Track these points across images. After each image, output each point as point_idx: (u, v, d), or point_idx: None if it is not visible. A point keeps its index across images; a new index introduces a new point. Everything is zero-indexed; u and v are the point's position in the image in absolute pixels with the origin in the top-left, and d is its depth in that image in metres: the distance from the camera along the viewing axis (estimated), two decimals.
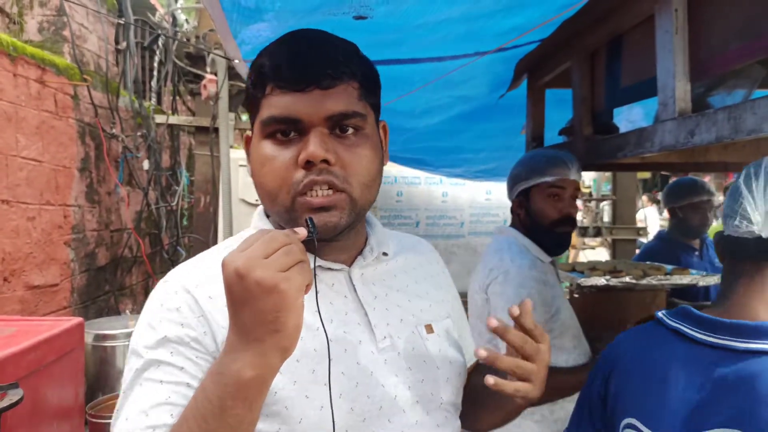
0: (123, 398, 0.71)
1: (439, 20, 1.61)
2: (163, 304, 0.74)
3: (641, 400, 0.97)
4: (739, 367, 0.86)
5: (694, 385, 0.90)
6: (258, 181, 0.80)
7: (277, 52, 0.79)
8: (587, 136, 1.80)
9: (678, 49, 1.25)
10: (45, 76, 3.21)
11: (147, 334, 0.73)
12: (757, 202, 0.92)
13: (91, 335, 2.48)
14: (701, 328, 0.93)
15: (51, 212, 3.26)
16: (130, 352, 0.74)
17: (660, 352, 0.98)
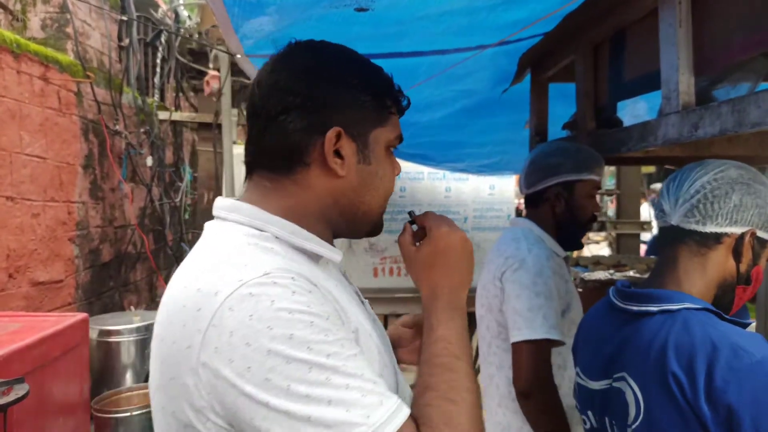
0: (328, 389, 0.67)
1: (440, 12, 1.60)
2: (310, 306, 0.71)
3: (582, 354, 1.25)
4: (633, 326, 1.10)
5: (610, 341, 1.14)
6: (382, 185, 0.88)
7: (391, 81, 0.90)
8: (591, 131, 1.79)
9: (681, 43, 1.24)
10: (48, 73, 3.21)
11: (310, 332, 0.69)
12: (670, 196, 1.13)
13: (95, 331, 2.49)
14: (620, 297, 1.16)
15: (55, 209, 3.27)
16: (282, 356, 0.67)
17: (597, 317, 1.24)
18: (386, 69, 0.91)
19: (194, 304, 0.70)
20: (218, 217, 0.85)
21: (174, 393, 0.71)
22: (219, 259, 0.75)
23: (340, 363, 0.69)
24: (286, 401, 0.66)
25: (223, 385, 0.67)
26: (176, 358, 0.70)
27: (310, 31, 1.79)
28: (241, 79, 4.29)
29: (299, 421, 0.66)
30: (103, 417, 1.98)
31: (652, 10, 1.38)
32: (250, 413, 0.67)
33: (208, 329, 0.68)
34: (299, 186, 0.83)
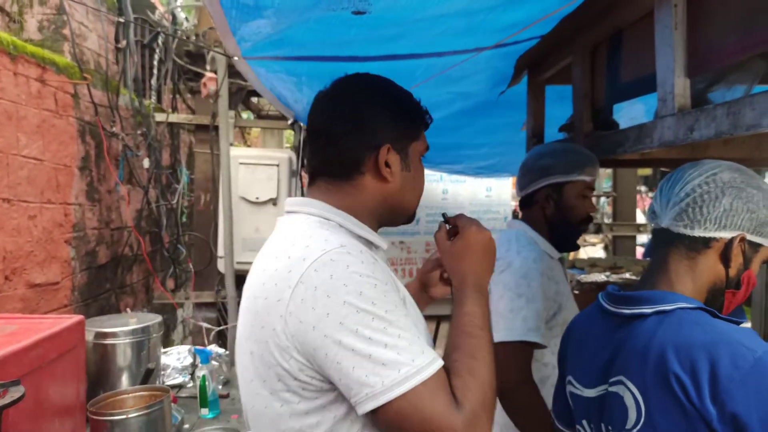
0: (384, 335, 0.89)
1: (438, 14, 1.61)
2: (374, 272, 0.93)
3: (574, 361, 1.23)
4: (626, 329, 1.09)
5: (604, 346, 1.13)
6: (418, 187, 1.14)
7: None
8: (587, 133, 1.80)
9: (677, 45, 1.25)
10: (45, 74, 3.21)
11: (375, 293, 0.91)
12: (662, 197, 1.13)
13: (92, 333, 2.48)
14: (611, 302, 1.15)
15: (52, 211, 3.26)
16: (354, 306, 0.89)
17: (589, 323, 1.22)
18: (383, 71, 1.14)
19: (285, 268, 0.93)
20: (290, 212, 1.09)
21: (263, 338, 0.93)
22: (301, 236, 0.98)
23: (394, 318, 0.90)
24: (354, 341, 0.87)
25: (306, 327, 0.89)
26: (268, 309, 0.93)
27: (308, 33, 1.80)
28: (238, 81, 4.29)
29: (362, 357, 0.87)
30: (98, 419, 1.97)
31: (648, 12, 1.38)
32: (325, 349, 0.88)
33: (297, 285, 0.90)
34: (356, 189, 1.07)
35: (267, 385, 0.95)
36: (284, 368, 0.92)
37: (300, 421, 0.94)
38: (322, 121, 1.09)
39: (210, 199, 4.37)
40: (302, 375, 0.91)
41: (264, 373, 0.95)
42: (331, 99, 1.10)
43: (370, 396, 0.86)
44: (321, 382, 0.92)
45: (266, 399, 0.96)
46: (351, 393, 0.88)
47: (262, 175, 4.11)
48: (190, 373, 3.02)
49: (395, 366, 0.87)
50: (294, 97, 2.86)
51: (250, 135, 9.10)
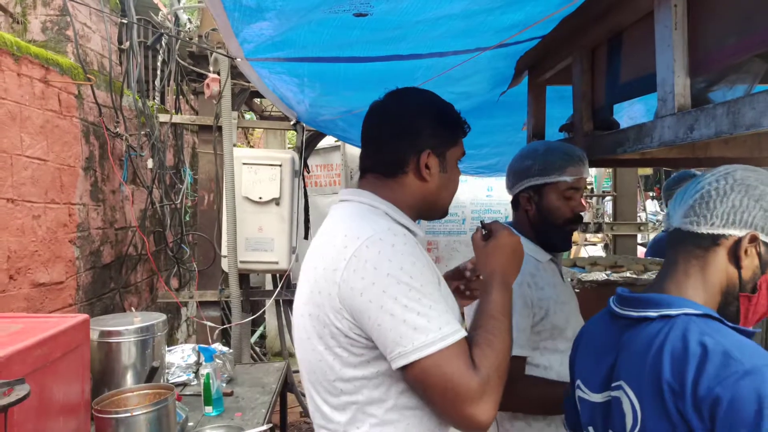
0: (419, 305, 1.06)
1: (438, 16, 1.62)
2: (413, 252, 1.11)
3: (583, 365, 1.21)
4: (631, 332, 1.07)
5: (610, 350, 1.11)
6: (453, 187, 1.32)
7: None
8: (587, 132, 1.80)
9: (677, 45, 1.26)
10: (49, 75, 3.22)
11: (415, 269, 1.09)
12: (676, 200, 1.12)
13: (96, 332, 2.49)
14: (620, 304, 1.13)
15: (56, 211, 3.28)
16: (395, 278, 1.06)
17: (598, 326, 1.20)
18: (385, 71, 1.42)
19: (342, 244, 1.11)
20: (344, 200, 1.28)
21: (320, 301, 1.12)
22: (354, 219, 1.17)
23: (427, 291, 1.07)
24: (392, 306, 1.04)
25: (355, 293, 1.07)
26: (325, 277, 1.11)
27: (310, 35, 1.81)
28: (241, 82, 4.31)
29: (398, 321, 1.04)
30: (103, 417, 1.98)
31: (648, 12, 1.39)
32: (369, 312, 1.06)
33: (351, 258, 1.08)
34: (399, 185, 1.26)
35: (322, 342, 1.13)
36: (337, 327, 1.10)
37: (349, 372, 1.12)
38: (374, 126, 1.30)
39: (213, 199, 4.38)
40: (351, 333, 1.09)
41: (320, 331, 1.13)
42: (383, 108, 1.30)
43: (402, 354, 1.03)
44: (367, 340, 1.09)
45: (321, 353, 1.14)
46: (387, 351, 1.06)
47: (265, 175, 4.13)
48: (194, 372, 3.03)
49: (424, 331, 1.03)
50: (296, 98, 2.88)
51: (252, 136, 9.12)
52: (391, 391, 1.12)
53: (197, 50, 4.30)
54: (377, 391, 1.12)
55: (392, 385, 1.12)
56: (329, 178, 7.20)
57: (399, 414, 1.12)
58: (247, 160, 4.16)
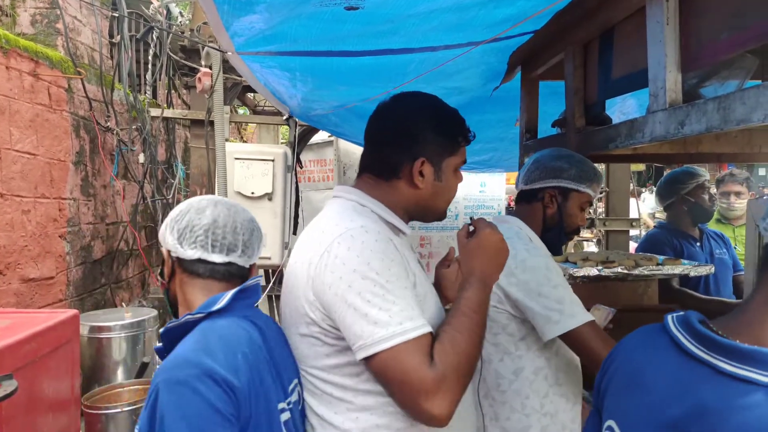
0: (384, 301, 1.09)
1: (430, 10, 1.61)
2: (384, 250, 1.14)
3: (620, 403, 0.90)
4: (721, 393, 0.76)
5: (674, 398, 0.81)
6: (448, 195, 1.32)
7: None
8: (580, 128, 1.80)
9: (669, 40, 1.26)
10: (38, 69, 3.19)
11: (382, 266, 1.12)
12: None
13: (86, 327, 2.48)
14: (696, 340, 0.81)
15: (46, 205, 3.26)
16: (360, 274, 1.10)
17: (649, 356, 0.89)
18: (377, 66, 1.40)
19: (318, 239, 1.17)
20: (335, 196, 1.31)
21: (297, 293, 1.18)
22: (336, 216, 1.22)
23: (392, 288, 1.10)
24: (356, 301, 1.08)
25: (324, 287, 1.11)
26: (302, 270, 1.17)
27: (301, 29, 1.80)
28: (233, 76, 4.28)
29: (360, 315, 1.07)
30: (93, 413, 1.97)
31: (640, 7, 1.39)
32: (336, 305, 1.10)
33: (324, 253, 1.13)
34: (392, 189, 1.27)
35: (297, 330, 1.20)
36: (311, 318, 1.15)
37: (322, 360, 1.17)
38: (374, 128, 1.32)
39: (205, 193, 4.36)
40: (324, 324, 1.14)
41: (297, 320, 1.19)
42: (386, 111, 1.31)
43: (362, 347, 1.07)
44: (336, 330, 1.13)
45: (298, 341, 1.21)
46: (350, 343, 1.10)
47: (258, 170, 4.11)
48: None
49: (384, 325, 1.07)
50: (288, 93, 2.86)
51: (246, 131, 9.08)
52: (362, 378, 1.15)
53: (189, 44, 4.27)
54: (350, 379, 1.16)
55: (363, 372, 1.15)
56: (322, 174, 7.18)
57: (374, 400, 1.16)
58: (240, 155, 4.14)
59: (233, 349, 1.15)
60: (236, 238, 1.32)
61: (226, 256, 1.29)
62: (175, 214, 1.36)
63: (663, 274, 2.03)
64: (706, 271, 2.09)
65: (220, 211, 1.33)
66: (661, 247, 2.76)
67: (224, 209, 1.34)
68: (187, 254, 1.29)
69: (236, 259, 1.31)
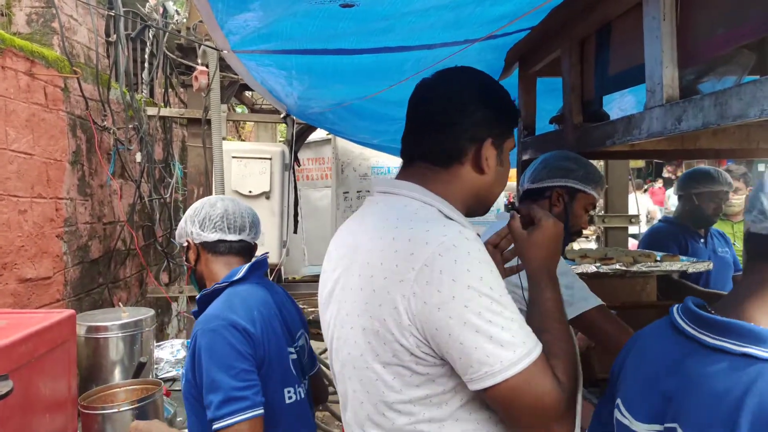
0: (498, 317, 0.96)
1: (426, 8, 1.60)
2: (488, 259, 1.01)
3: (628, 382, 1.00)
4: (700, 363, 0.84)
5: (667, 374, 0.89)
6: (505, 182, 1.19)
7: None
8: (577, 124, 1.80)
9: (665, 36, 1.25)
10: (34, 68, 3.18)
11: (493, 278, 0.99)
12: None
13: (83, 327, 2.47)
14: (690, 320, 0.90)
15: (42, 205, 3.25)
16: (476, 291, 0.96)
17: (654, 338, 0.99)
18: (373, 64, 1.32)
19: (406, 250, 0.98)
20: (386, 192, 1.14)
21: (381, 315, 0.99)
22: (415, 221, 1.03)
23: (506, 302, 0.98)
24: (477, 322, 0.94)
25: (430, 308, 0.95)
26: (388, 288, 0.98)
27: (296, 27, 1.79)
28: (230, 74, 4.26)
29: (484, 337, 0.94)
30: (90, 413, 1.96)
31: (636, 3, 1.38)
32: (448, 329, 0.94)
33: (422, 268, 0.96)
34: (453, 177, 1.13)
35: (379, 359, 1.02)
36: (402, 344, 0.99)
37: (410, 393, 1.02)
38: (432, 107, 1.14)
39: (203, 192, 4.35)
40: (418, 351, 0.99)
41: (378, 348, 1.02)
42: (444, 88, 1.15)
43: (489, 374, 0.94)
44: (434, 358, 0.99)
45: (378, 372, 1.03)
46: (469, 371, 0.95)
47: (255, 168, 4.10)
48: (183, 367, 3.01)
49: (511, 347, 0.95)
50: (285, 91, 2.85)
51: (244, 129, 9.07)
52: (451, 408, 1.03)
53: (185, 42, 4.26)
54: (438, 410, 1.03)
55: (451, 401, 1.03)
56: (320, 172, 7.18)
57: (461, 428, 1.04)
58: (237, 153, 4.13)
59: (251, 307, 1.53)
60: (244, 221, 1.73)
61: (238, 235, 1.71)
62: (192, 211, 1.72)
63: (661, 270, 2.03)
64: (704, 267, 2.09)
65: (227, 204, 1.74)
66: (666, 241, 2.76)
67: (230, 202, 1.76)
68: (210, 237, 1.69)
69: (245, 237, 1.73)
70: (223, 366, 1.41)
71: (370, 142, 4.57)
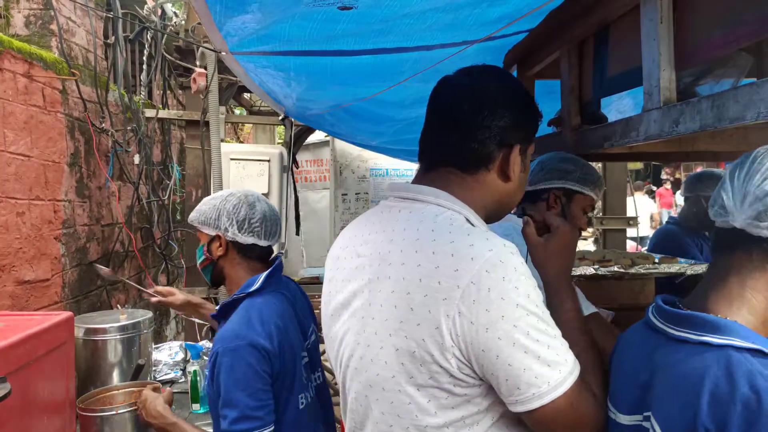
0: (545, 335, 0.93)
1: (424, 10, 1.60)
2: (531, 273, 0.97)
3: (613, 380, 1.05)
4: (667, 354, 0.90)
5: (642, 368, 0.95)
6: (524, 190, 1.15)
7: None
8: (575, 127, 1.80)
9: (663, 38, 1.25)
10: (32, 70, 3.18)
11: (536, 295, 0.96)
12: (735, 191, 0.90)
13: (82, 329, 2.47)
14: (658, 315, 0.97)
15: (41, 207, 3.24)
16: (525, 309, 0.92)
17: (635, 336, 1.04)
18: (371, 65, 1.34)
19: (450, 266, 0.93)
20: (411, 199, 1.07)
21: (419, 335, 0.94)
22: (454, 232, 0.97)
23: (548, 319, 0.96)
24: (526, 342, 0.90)
25: (478, 328, 0.90)
26: (428, 307, 0.93)
27: (295, 29, 1.79)
28: (228, 76, 4.27)
29: (532, 357, 0.91)
30: (88, 415, 1.96)
31: (634, 5, 1.38)
32: (497, 350, 0.90)
33: (468, 286, 0.91)
34: (478, 183, 1.08)
35: (413, 382, 0.96)
36: (441, 366, 0.93)
37: (445, 415, 0.97)
38: (456, 108, 1.08)
39: (201, 194, 4.35)
40: (459, 373, 0.94)
41: (413, 370, 0.96)
42: (472, 89, 1.10)
43: (537, 396, 0.91)
44: (474, 379, 0.95)
45: (411, 395, 0.97)
46: (515, 392, 0.92)
47: (253, 170, 4.11)
48: (181, 369, 3.01)
49: (557, 366, 0.93)
50: (283, 93, 2.85)
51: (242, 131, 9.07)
52: (482, 428, 0.99)
53: (184, 44, 4.26)
54: (470, 430, 0.98)
55: (483, 420, 0.99)
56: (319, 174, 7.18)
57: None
58: (235, 155, 4.13)
59: (267, 321, 1.57)
60: (277, 227, 1.75)
61: (269, 241, 1.73)
62: (231, 207, 1.69)
63: (660, 273, 2.03)
64: (702, 269, 2.09)
65: (264, 207, 1.73)
66: (680, 244, 2.76)
67: (266, 204, 1.75)
68: (245, 240, 1.69)
69: (272, 242, 1.74)
70: (241, 385, 1.48)
71: (369, 143, 4.58)
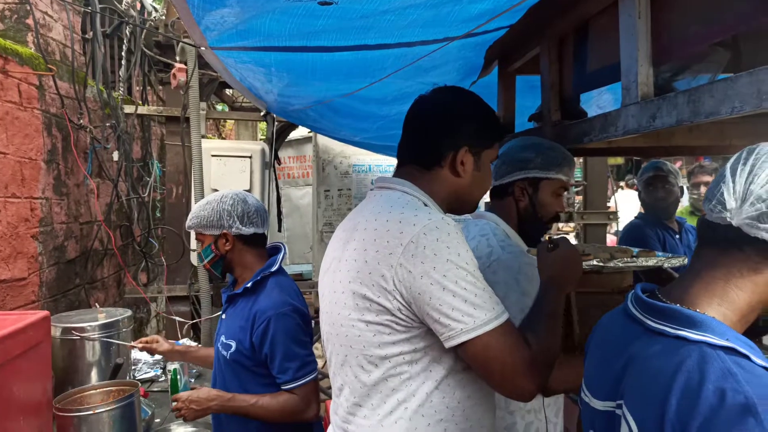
0: (472, 293, 1.15)
1: (404, 6, 1.60)
2: (465, 240, 1.20)
3: (589, 366, 1.12)
4: (643, 344, 0.93)
5: (618, 355, 0.98)
6: (484, 186, 1.41)
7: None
8: (555, 122, 1.81)
9: (641, 34, 1.26)
10: (8, 65, 3.12)
11: (469, 256, 1.19)
12: (736, 188, 0.88)
13: (59, 329, 2.43)
14: (637, 304, 0.99)
15: (17, 205, 3.19)
16: (454, 264, 1.15)
17: (611, 323, 1.08)
18: (353, 61, 1.55)
19: (397, 229, 1.17)
20: (384, 187, 1.34)
21: (369, 282, 1.18)
22: (406, 207, 1.23)
23: (479, 276, 1.17)
24: (454, 288, 1.13)
25: (414, 276, 1.14)
26: (378, 260, 1.17)
27: (274, 24, 1.77)
28: (209, 72, 4.23)
29: (459, 299, 1.13)
30: (64, 416, 1.93)
31: (613, 2, 1.39)
32: (429, 294, 1.13)
33: (408, 243, 1.15)
34: (434, 178, 1.33)
35: (363, 318, 1.21)
36: (384, 306, 1.17)
37: (387, 349, 1.20)
38: (418, 119, 1.37)
39: (182, 191, 4.31)
40: (399, 313, 1.17)
41: (363, 309, 1.20)
42: (430, 102, 1.37)
43: (464, 331, 1.13)
44: (412, 320, 1.18)
45: (361, 329, 1.22)
46: (446, 329, 1.14)
47: (235, 167, 4.07)
48: (161, 367, 2.98)
49: (484, 309, 1.14)
50: (264, 88, 2.83)
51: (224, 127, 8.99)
52: (425, 364, 1.21)
53: (163, 39, 4.21)
54: (414, 366, 1.21)
55: (424, 358, 1.21)
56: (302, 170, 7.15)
57: (440, 385, 1.22)
58: (216, 151, 4.09)
59: (297, 293, 1.93)
60: (267, 215, 2.02)
61: (264, 228, 1.99)
62: (229, 206, 1.94)
63: (637, 266, 2.04)
64: (680, 262, 2.11)
65: (253, 200, 2.00)
66: (645, 237, 2.81)
67: (253, 199, 2.02)
68: (248, 231, 1.95)
69: (267, 229, 2.01)
70: (297, 341, 1.82)
71: (351, 139, 4.56)
